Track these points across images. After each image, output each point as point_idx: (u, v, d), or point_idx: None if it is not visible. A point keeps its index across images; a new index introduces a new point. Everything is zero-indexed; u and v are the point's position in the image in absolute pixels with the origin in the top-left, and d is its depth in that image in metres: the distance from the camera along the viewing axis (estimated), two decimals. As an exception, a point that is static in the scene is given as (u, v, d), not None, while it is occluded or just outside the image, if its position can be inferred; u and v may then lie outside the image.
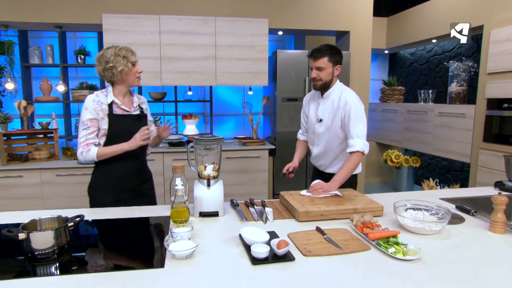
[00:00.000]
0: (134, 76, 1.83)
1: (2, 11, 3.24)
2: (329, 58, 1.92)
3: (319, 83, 1.97)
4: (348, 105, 1.92)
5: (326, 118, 2.02)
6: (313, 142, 2.16)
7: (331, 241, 1.35)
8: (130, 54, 1.79)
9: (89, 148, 1.77)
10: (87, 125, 1.77)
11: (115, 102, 1.81)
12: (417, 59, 5.18)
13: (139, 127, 1.86)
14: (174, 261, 1.21)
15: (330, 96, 2.01)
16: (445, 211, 1.50)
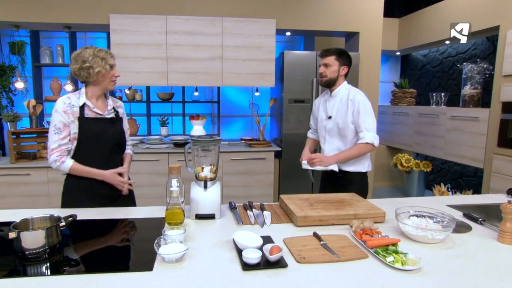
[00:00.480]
0: (110, 79, 1.76)
1: (13, 11, 3.29)
2: (336, 57, 2.10)
3: (325, 79, 2.13)
4: (356, 100, 2.06)
5: (335, 114, 2.13)
6: (324, 140, 2.23)
7: (327, 248, 1.30)
8: (109, 56, 1.74)
9: (64, 160, 1.72)
10: (59, 129, 1.71)
11: (87, 104, 1.74)
12: (430, 61, 5.05)
13: (113, 131, 1.81)
14: (164, 264, 1.19)
15: (338, 94, 2.15)
16: (449, 219, 1.43)
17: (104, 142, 1.78)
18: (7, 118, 3.21)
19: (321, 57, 2.15)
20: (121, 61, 3.43)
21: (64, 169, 1.73)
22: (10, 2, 3.28)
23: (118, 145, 1.87)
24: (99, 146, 1.77)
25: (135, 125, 4.24)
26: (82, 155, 1.76)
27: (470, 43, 4.26)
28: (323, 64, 2.13)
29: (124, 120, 1.93)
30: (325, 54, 2.12)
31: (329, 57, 2.10)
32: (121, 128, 1.87)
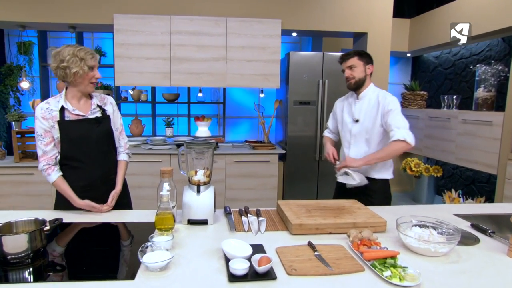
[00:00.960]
0: (89, 81, 1.66)
1: (19, 11, 3.31)
2: (358, 57, 2.03)
3: (353, 81, 2.03)
4: (386, 100, 1.98)
5: (363, 118, 2.04)
6: (348, 145, 2.13)
7: (321, 259, 1.22)
8: (90, 57, 1.63)
9: (49, 172, 1.68)
10: (41, 136, 1.66)
11: (66, 108, 1.66)
12: (442, 63, 4.90)
13: (100, 130, 1.73)
14: (147, 273, 1.13)
15: (365, 96, 2.06)
16: (455, 231, 1.34)
17: (89, 143, 1.70)
18: (12, 117, 3.22)
19: (343, 61, 2.07)
20: (125, 62, 3.42)
21: (49, 181, 1.70)
22: (16, 2, 3.30)
23: (107, 144, 1.79)
24: (85, 148, 1.70)
25: (140, 125, 4.23)
26: (69, 158, 1.70)
27: (485, 44, 4.11)
28: (347, 67, 2.04)
29: (114, 117, 1.83)
30: (345, 57, 2.05)
31: (351, 58, 2.03)
32: (109, 126, 1.78)
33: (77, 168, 1.71)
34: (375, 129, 2.01)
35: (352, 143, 2.10)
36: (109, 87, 4.06)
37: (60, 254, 1.31)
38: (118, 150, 1.89)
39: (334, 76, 3.65)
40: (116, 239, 1.50)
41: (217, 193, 3.46)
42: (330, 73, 3.63)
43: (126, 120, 4.31)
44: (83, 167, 1.71)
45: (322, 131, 3.67)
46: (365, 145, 2.06)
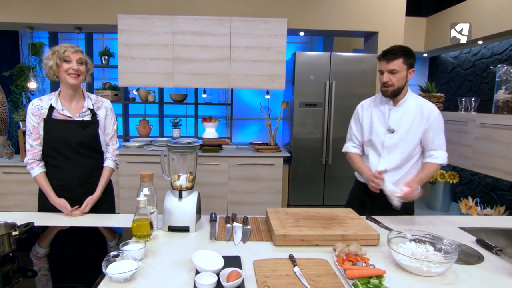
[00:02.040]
0: (66, 73, 1.63)
1: (26, 13, 3.37)
2: (404, 60, 1.71)
3: (391, 89, 1.75)
4: (432, 116, 1.77)
5: (401, 129, 1.79)
6: (378, 157, 1.87)
7: (299, 276, 1.12)
8: (63, 50, 1.62)
9: (33, 166, 1.70)
10: (29, 131, 1.69)
11: (55, 107, 1.68)
12: (461, 63, 4.66)
13: (84, 134, 1.71)
14: (110, 284, 1.07)
15: (404, 104, 1.80)
16: (452, 248, 1.20)
17: (70, 145, 1.69)
18: (19, 117, 3.27)
19: (386, 61, 1.73)
20: (128, 62, 3.41)
21: (31, 174, 1.72)
22: (24, 4, 3.36)
23: (91, 149, 1.77)
24: (64, 149, 1.70)
25: (148, 126, 4.22)
26: (48, 156, 1.72)
27: (508, 42, 3.86)
28: (388, 70, 1.72)
29: (105, 123, 1.81)
30: (390, 57, 1.71)
31: (396, 61, 1.70)
32: (95, 131, 1.75)
33: (55, 167, 1.72)
34: (413, 142, 1.79)
35: (383, 155, 1.85)
36: (117, 88, 4.07)
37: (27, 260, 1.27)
38: (106, 155, 1.85)
39: (342, 77, 3.51)
40: (90, 246, 1.45)
41: (220, 196, 3.46)
42: (337, 74, 3.49)
43: (134, 120, 4.32)
44: (61, 167, 1.72)
45: (329, 133, 3.54)
46: (399, 158, 1.82)
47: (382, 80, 1.75)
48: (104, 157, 1.84)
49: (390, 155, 1.83)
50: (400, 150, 1.81)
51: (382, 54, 1.75)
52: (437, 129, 1.77)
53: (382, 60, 1.75)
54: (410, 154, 1.82)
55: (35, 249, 1.34)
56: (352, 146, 2.00)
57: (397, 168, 1.83)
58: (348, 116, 3.43)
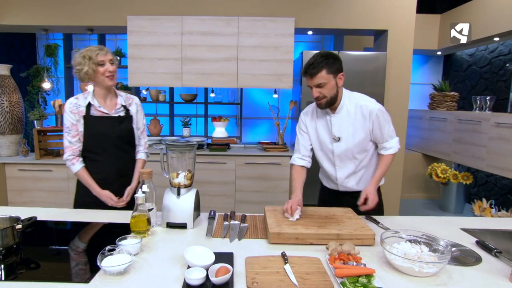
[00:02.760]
0: (103, 76, 1.74)
1: (41, 16, 3.49)
2: (327, 70, 1.62)
3: (324, 101, 1.68)
4: (373, 114, 1.71)
5: (345, 135, 1.75)
6: (333, 166, 1.84)
7: (288, 273, 1.13)
8: (96, 54, 1.70)
9: (74, 162, 1.78)
10: (68, 128, 1.77)
11: (92, 104, 1.77)
12: (477, 61, 4.52)
13: (121, 129, 1.82)
14: (105, 277, 1.11)
15: (342, 108, 1.74)
16: (445, 248, 1.18)
17: (110, 140, 1.80)
18: (34, 116, 3.39)
19: (309, 76, 1.64)
20: (138, 62, 3.48)
21: (72, 170, 1.80)
22: (38, 6, 3.48)
23: (127, 143, 1.89)
24: (106, 144, 1.80)
25: (158, 125, 4.30)
26: (89, 151, 1.80)
27: (525, 40, 3.73)
28: (314, 86, 1.65)
29: (137, 118, 1.92)
30: (312, 72, 1.61)
31: (319, 74, 1.61)
32: (130, 125, 1.87)
33: (95, 161, 1.81)
34: (362, 144, 1.76)
35: (337, 164, 1.82)
36: (129, 88, 4.16)
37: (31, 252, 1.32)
38: (138, 148, 1.97)
39: (350, 75, 3.47)
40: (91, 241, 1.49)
41: (227, 194, 3.49)
42: (346, 72, 3.43)
43: (144, 120, 4.40)
44: (101, 161, 1.81)
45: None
46: (353, 163, 1.80)
47: (313, 95, 1.69)
48: (136, 150, 1.95)
49: (344, 162, 1.81)
50: (351, 155, 1.78)
51: (304, 70, 1.66)
52: (383, 123, 1.72)
53: (306, 76, 1.66)
54: (363, 155, 1.80)
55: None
56: (299, 158, 1.88)
57: (356, 171, 1.83)
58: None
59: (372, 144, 1.81)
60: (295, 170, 1.87)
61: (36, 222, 1.43)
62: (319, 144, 1.84)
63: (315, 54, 1.66)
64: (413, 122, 4.92)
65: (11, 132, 3.42)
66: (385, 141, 1.77)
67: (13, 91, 3.42)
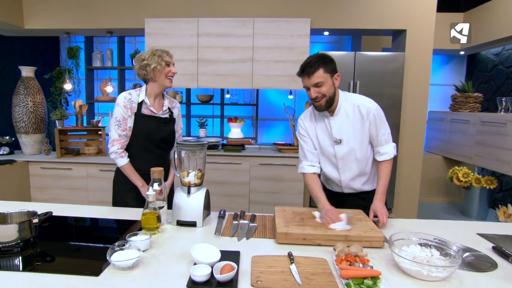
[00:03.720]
0: (166, 76, 1.83)
1: (63, 19, 3.63)
2: (324, 69, 1.60)
3: (323, 101, 1.64)
4: (371, 113, 1.68)
5: (346, 137, 1.72)
6: (336, 170, 1.80)
7: (293, 273, 1.12)
8: (165, 54, 1.82)
9: (123, 155, 1.84)
10: (119, 122, 1.82)
11: (145, 102, 1.84)
12: (503, 61, 4.35)
13: (165, 130, 1.90)
14: (114, 270, 1.14)
15: (340, 110, 1.71)
16: (456, 252, 1.15)
17: (154, 139, 1.87)
18: (56, 116, 3.53)
19: (306, 76, 1.62)
20: (155, 64, 3.55)
21: (118, 163, 1.86)
22: (61, 10, 3.62)
23: (167, 144, 1.96)
24: (149, 142, 1.88)
25: (175, 126, 4.37)
26: (132, 146, 1.87)
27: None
28: (312, 85, 1.62)
29: (178, 121, 2.00)
30: (309, 71, 1.60)
31: (317, 72, 1.59)
32: (173, 128, 1.96)
33: (136, 157, 1.88)
34: (364, 146, 1.73)
35: (340, 167, 1.78)
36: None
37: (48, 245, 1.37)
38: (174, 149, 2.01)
39: (366, 76, 3.43)
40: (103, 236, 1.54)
41: (241, 195, 3.50)
42: (362, 73, 3.42)
43: (162, 120, 4.49)
44: (141, 158, 1.88)
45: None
46: (356, 164, 1.76)
47: (311, 96, 1.65)
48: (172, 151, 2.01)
49: (347, 165, 1.77)
50: (354, 157, 1.74)
51: (301, 70, 1.64)
52: (379, 124, 1.69)
53: (303, 76, 1.64)
54: (366, 157, 1.76)
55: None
56: (308, 166, 1.81)
57: (361, 173, 1.78)
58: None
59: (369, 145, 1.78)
60: (309, 179, 1.79)
61: (52, 217, 1.48)
62: (320, 148, 1.80)
63: (310, 56, 1.67)
64: (433, 124, 4.78)
65: (34, 132, 3.57)
66: (380, 145, 1.73)
67: (37, 92, 3.57)
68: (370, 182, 1.83)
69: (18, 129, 3.52)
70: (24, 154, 3.60)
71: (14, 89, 3.51)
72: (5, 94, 3.86)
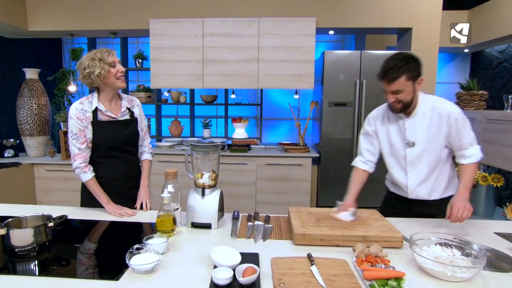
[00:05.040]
0: (115, 77, 1.68)
1: (67, 21, 3.61)
2: (407, 76, 1.51)
3: (399, 106, 1.59)
4: (452, 117, 1.59)
5: (420, 140, 1.65)
6: (404, 173, 1.74)
7: (315, 275, 1.11)
8: (106, 55, 1.65)
9: (86, 171, 1.72)
10: (76, 135, 1.70)
11: (99, 108, 1.72)
12: (509, 58, 4.34)
13: (128, 133, 1.80)
14: (133, 275, 1.12)
15: (418, 113, 1.64)
16: (479, 252, 1.13)
17: (118, 144, 1.78)
18: (60, 118, 3.51)
19: (387, 82, 1.54)
20: (160, 65, 3.54)
21: (82, 178, 1.75)
22: (64, 12, 3.61)
23: (133, 145, 1.88)
24: (113, 149, 1.78)
25: (179, 126, 4.36)
26: (97, 156, 1.77)
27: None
28: (391, 92, 1.55)
29: (141, 119, 1.90)
30: (392, 77, 1.51)
31: (398, 80, 1.51)
32: (136, 128, 1.85)
33: (103, 165, 1.79)
34: (438, 149, 1.65)
35: (408, 170, 1.71)
36: (151, 90, 4.24)
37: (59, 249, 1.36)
38: (142, 149, 1.97)
39: (372, 75, 3.39)
40: (118, 239, 1.52)
41: (248, 195, 3.49)
42: (368, 72, 3.40)
43: (166, 121, 4.47)
44: (108, 165, 1.79)
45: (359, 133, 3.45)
46: (426, 169, 1.68)
47: (388, 101, 1.60)
48: (140, 151, 1.95)
49: (417, 169, 1.69)
50: (425, 161, 1.67)
51: (382, 73, 1.55)
52: (461, 128, 1.59)
53: (383, 81, 1.57)
54: (437, 160, 1.67)
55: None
56: (362, 162, 1.81)
57: (424, 181, 1.71)
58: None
59: (447, 150, 1.69)
60: (355, 173, 1.80)
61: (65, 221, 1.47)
62: (389, 150, 1.75)
63: (394, 56, 1.55)
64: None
65: (39, 134, 3.55)
66: (464, 148, 1.63)
67: (41, 94, 3.55)
68: (438, 191, 1.73)
69: (22, 131, 3.50)
70: (29, 157, 3.58)
71: (17, 92, 3.49)
72: (9, 96, 3.84)
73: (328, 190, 3.59)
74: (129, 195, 1.84)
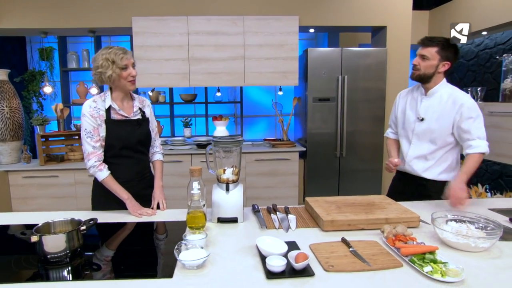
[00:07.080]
0: (126, 81, 1.67)
1: (41, 19, 3.40)
2: (438, 50, 1.75)
3: (416, 73, 1.81)
4: (466, 106, 1.73)
5: (429, 117, 1.83)
6: (408, 144, 1.95)
7: (357, 255, 1.20)
8: (120, 57, 1.63)
9: (102, 168, 1.69)
10: (90, 133, 1.68)
11: (112, 107, 1.70)
12: (464, 54, 4.77)
13: (141, 132, 1.79)
14: (184, 271, 1.14)
15: (435, 93, 1.82)
16: (495, 225, 1.29)
17: (131, 144, 1.76)
18: (37, 121, 3.31)
19: (421, 45, 1.79)
20: (144, 63, 3.46)
21: (98, 177, 1.71)
22: (37, 9, 3.39)
23: (145, 146, 1.86)
24: (126, 149, 1.76)
25: (159, 126, 4.27)
26: (110, 156, 1.75)
27: (511, 33, 3.98)
28: (419, 55, 1.78)
29: (151, 119, 1.88)
30: (426, 43, 1.77)
31: (430, 48, 1.75)
32: (148, 128, 1.84)
33: (116, 165, 1.75)
34: (442, 131, 1.80)
35: (413, 142, 1.91)
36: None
37: (96, 253, 1.33)
38: (153, 150, 1.95)
39: (353, 71, 3.60)
40: (150, 238, 1.52)
41: (238, 192, 3.52)
42: (349, 68, 3.58)
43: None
44: (121, 165, 1.76)
45: (343, 127, 3.63)
46: (428, 145, 1.86)
47: (413, 63, 1.82)
48: (151, 152, 1.93)
49: (419, 142, 1.88)
50: (428, 138, 1.85)
51: (422, 40, 1.80)
52: (472, 120, 1.73)
53: (419, 43, 1.82)
54: (440, 144, 1.83)
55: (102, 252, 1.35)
56: (391, 132, 2.13)
57: (425, 155, 1.87)
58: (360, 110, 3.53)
59: (453, 139, 1.83)
60: (389, 140, 2.14)
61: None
62: (403, 121, 1.98)
63: (442, 36, 1.80)
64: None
65: (12, 139, 3.32)
66: (472, 139, 1.74)
67: (13, 96, 3.32)
68: (434, 172, 1.87)
69: (-7, 137, 3.25)
70: (2, 164, 3.33)
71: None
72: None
73: (315, 182, 3.73)
74: (142, 196, 1.81)
